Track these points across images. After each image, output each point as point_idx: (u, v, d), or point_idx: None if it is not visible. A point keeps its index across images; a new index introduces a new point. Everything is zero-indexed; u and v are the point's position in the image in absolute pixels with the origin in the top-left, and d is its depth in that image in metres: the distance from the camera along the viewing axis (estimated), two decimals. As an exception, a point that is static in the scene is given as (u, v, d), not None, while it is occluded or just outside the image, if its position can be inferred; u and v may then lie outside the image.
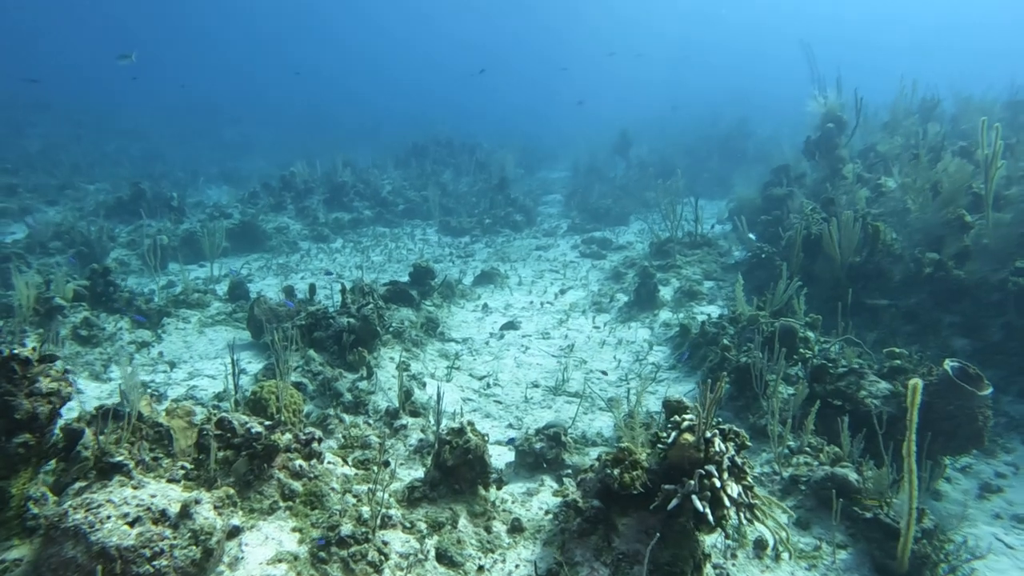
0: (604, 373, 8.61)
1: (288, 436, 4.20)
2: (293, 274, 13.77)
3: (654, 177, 20.81)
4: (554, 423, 5.78)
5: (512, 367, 8.95)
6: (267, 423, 4.18)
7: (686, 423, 3.81)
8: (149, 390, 6.64)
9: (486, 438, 4.74)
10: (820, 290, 9.73)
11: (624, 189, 21.64)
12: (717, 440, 3.71)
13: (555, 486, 5.43)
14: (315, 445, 4.31)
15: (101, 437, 3.65)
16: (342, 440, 5.47)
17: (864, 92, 13.50)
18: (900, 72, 15.39)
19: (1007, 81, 16.34)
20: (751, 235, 12.76)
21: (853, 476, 5.14)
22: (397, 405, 6.28)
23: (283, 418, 4.75)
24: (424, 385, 7.74)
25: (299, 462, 4.12)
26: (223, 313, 10.13)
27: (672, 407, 4.34)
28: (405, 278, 11.14)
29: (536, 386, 8.35)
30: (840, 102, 13.64)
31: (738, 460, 3.76)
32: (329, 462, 4.56)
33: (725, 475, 3.64)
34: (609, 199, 19.82)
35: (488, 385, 8.31)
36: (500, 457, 6.24)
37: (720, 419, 6.64)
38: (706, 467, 3.67)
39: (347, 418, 6.29)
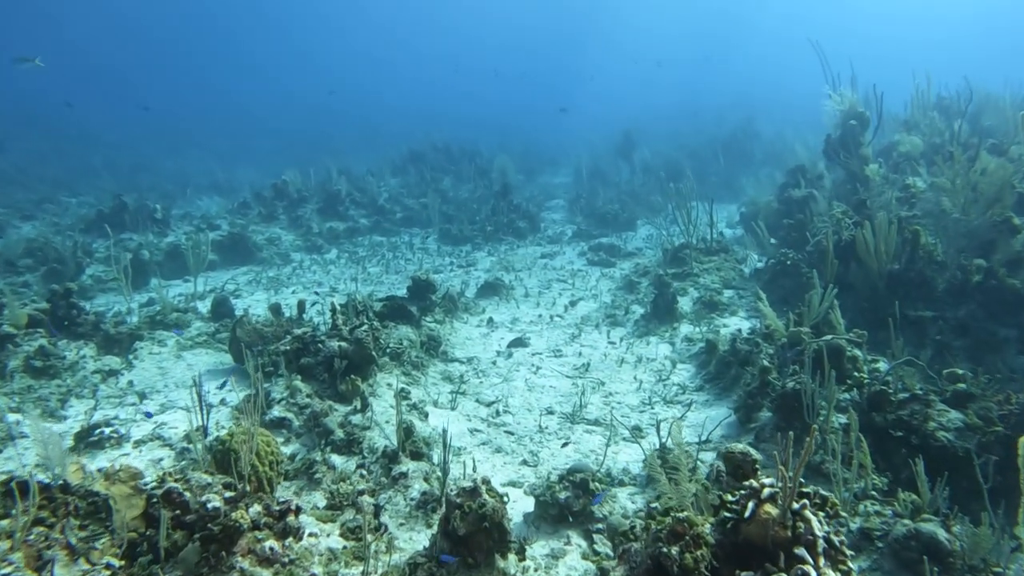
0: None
1: (257, 509, 3.36)
2: (284, 288, 12.93)
3: (663, 180, 20.01)
4: (579, 467, 4.93)
5: (523, 390, 8.10)
6: (229, 495, 3.33)
7: (767, 491, 2.96)
8: (109, 430, 5.77)
9: (505, 499, 3.88)
10: (855, 300, 8.91)
11: (630, 193, 20.82)
12: (809, 515, 2.87)
13: (583, 544, 4.59)
14: (291, 519, 3.47)
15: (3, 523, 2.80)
16: (329, 497, 4.61)
17: (877, 89, 12.70)
18: (911, 67, 14.61)
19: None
20: (772, 240, 11.94)
21: (943, 534, 4.29)
22: (395, 445, 5.42)
23: (260, 473, 3.90)
24: (426, 416, 6.89)
25: (270, 543, 3.27)
26: (204, 334, 9.28)
27: (735, 460, 3.50)
28: (403, 291, 10.30)
29: (551, 412, 7.50)
30: (860, 97, 12.83)
31: (835, 539, 2.91)
32: (310, 534, 3.71)
33: (821, 561, 2.80)
34: (616, 204, 18.99)
35: (497, 412, 7.47)
36: (515, 504, 5.39)
37: (772, 463, 5.81)
38: (795, 550, 2.82)
39: (338, 461, 5.43)
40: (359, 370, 6.79)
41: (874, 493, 5.07)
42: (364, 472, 5.05)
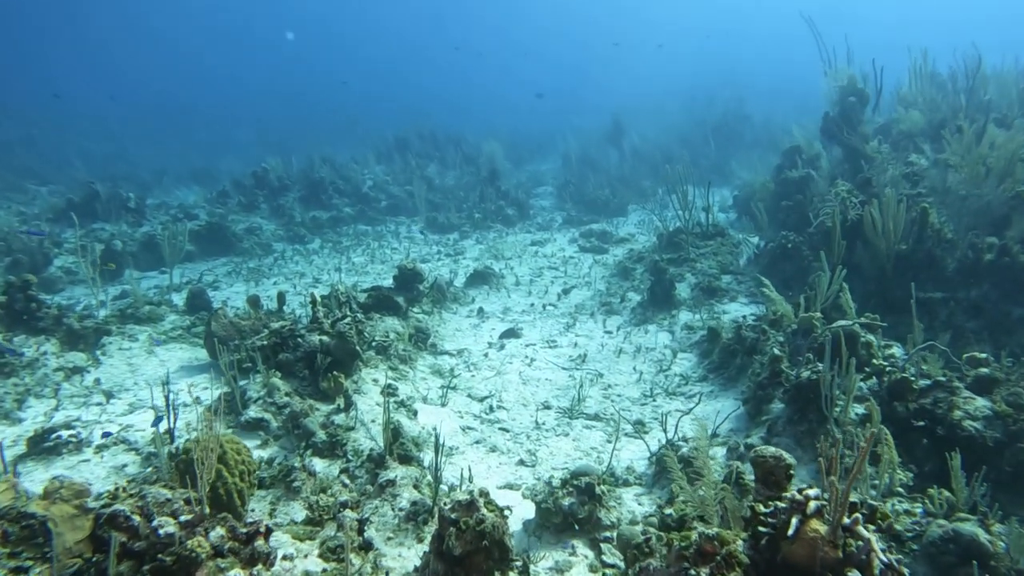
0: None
1: (219, 532, 2.90)
2: (265, 279, 12.41)
3: (654, 164, 19.61)
4: (584, 469, 4.50)
5: (517, 384, 7.67)
6: (186, 518, 2.87)
7: (812, 504, 2.55)
8: (68, 433, 5.29)
9: (506, 512, 3.45)
10: (861, 283, 8.54)
11: (620, 179, 20.37)
12: (865, 531, 2.45)
13: (590, 555, 4.17)
14: (260, 543, 3.01)
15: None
16: (308, 510, 4.16)
17: (870, 66, 12.27)
18: (905, 46, 14.19)
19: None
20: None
21: (983, 535, 3.90)
22: (382, 448, 4.98)
23: (228, 485, 3.45)
24: (415, 414, 6.44)
25: (235, 573, 2.83)
26: (179, 328, 8.79)
27: (766, 466, 3.08)
28: (389, 281, 9.82)
29: (547, 407, 7.08)
30: (858, 74, 12.40)
31: (892, 559, 2.50)
32: (284, 557, 3.28)
33: (880, 586, 2.39)
34: (606, 189, 18.55)
35: (491, 408, 7.03)
36: (513, 509, 4.97)
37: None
38: (848, 573, 2.41)
39: (319, 466, 4.98)
40: (342, 366, 6.33)
41: (900, 490, 4.69)
42: (347, 480, 4.60)
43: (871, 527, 2.62)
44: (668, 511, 4.09)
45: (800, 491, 2.64)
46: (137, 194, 15.88)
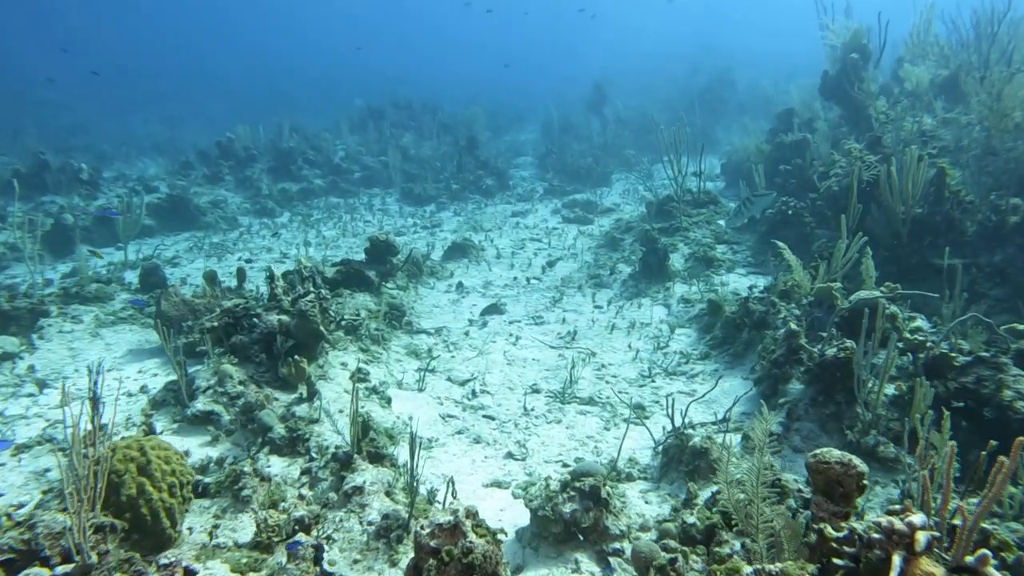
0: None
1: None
2: (229, 255, 11.56)
3: (638, 131, 18.87)
4: (587, 469, 3.83)
5: (502, 365, 6.98)
6: (77, 565, 2.15)
7: (921, 536, 1.89)
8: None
9: (500, 537, 2.77)
10: (874, 249, 7.85)
11: (603, 147, 19.61)
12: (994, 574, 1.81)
13: (596, 572, 3.52)
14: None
15: None
16: (256, 531, 3.44)
17: (871, 21, 11.55)
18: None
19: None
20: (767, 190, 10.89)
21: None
22: (349, 446, 4.27)
23: (154, 504, 2.72)
24: (389, 402, 5.74)
25: (136, 641, 2.13)
26: (130, 307, 7.97)
27: (831, 474, 2.42)
28: (361, 255, 9.05)
29: (536, 390, 6.41)
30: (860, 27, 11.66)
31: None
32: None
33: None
34: (589, 158, 17.78)
35: (473, 393, 6.34)
36: (503, 513, 4.30)
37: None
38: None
39: (277, 468, 4.27)
40: (305, 349, 5.60)
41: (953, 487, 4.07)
42: (306, 490, 3.89)
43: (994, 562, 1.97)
44: (690, 519, 3.44)
45: (901, 514, 1.97)
46: (93, 165, 14.82)
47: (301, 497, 3.75)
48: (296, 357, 5.27)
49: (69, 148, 19.09)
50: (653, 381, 6.53)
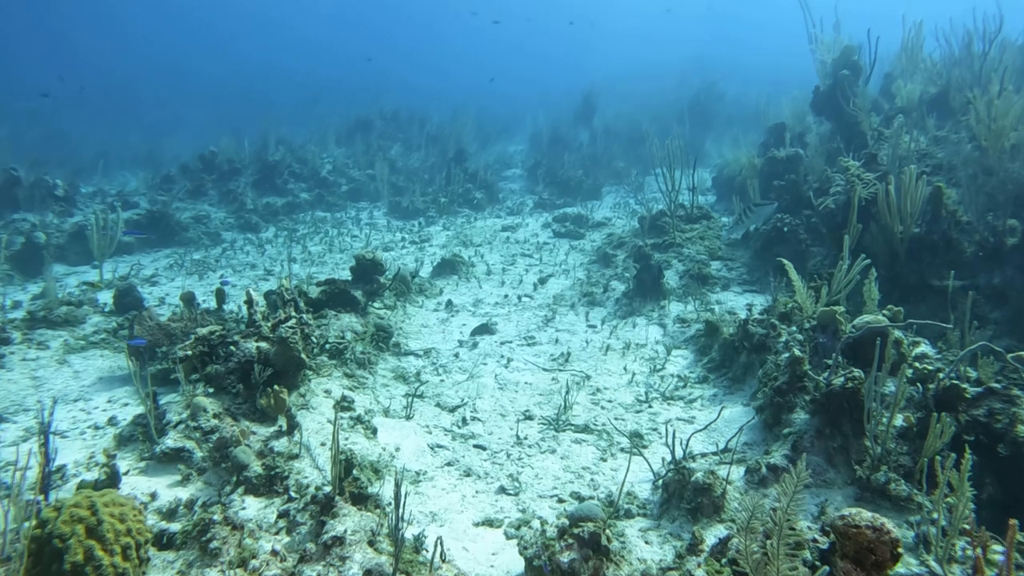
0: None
1: None
2: (211, 272, 11.24)
3: (627, 144, 18.71)
4: (586, 512, 3.56)
5: (493, 389, 6.71)
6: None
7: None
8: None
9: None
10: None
11: (592, 158, 19.44)
12: None
13: (598, 630, 3.24)
14: None
15: None
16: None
17: (860, 37, 11.46)
18: (894, 17, 13.42)
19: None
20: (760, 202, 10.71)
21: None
22: (330, 485, 3.98)
23: (103, 570, 2.43)
24: (375, 432, 5.45)
25: None
26: (104, 331, 7.64)
27: (861, 540, 2.16)
28: (347, 273, 8.75)
29: (529, 417, 6.13)
30: (850, 44, 11.57)
31: None
32: None
33: None
34: (579, 170, 17.60)
35: (464, 420, 6.06)
36: (495, 558, 4.03)
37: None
38: None
39: (252, 510, 3.97)
40: (285, 377, 5.30)
41: (966, 526, 3.84)
42: (281, 542, 3.59)
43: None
44: (698, 572, 3.18)
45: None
46: (68, 180, 14.46)
47: (275, 552, 3.45)
48: (276, 387, 4.98)
49: (46, 162, 18.64)
50: (650, 406, 6.27)
